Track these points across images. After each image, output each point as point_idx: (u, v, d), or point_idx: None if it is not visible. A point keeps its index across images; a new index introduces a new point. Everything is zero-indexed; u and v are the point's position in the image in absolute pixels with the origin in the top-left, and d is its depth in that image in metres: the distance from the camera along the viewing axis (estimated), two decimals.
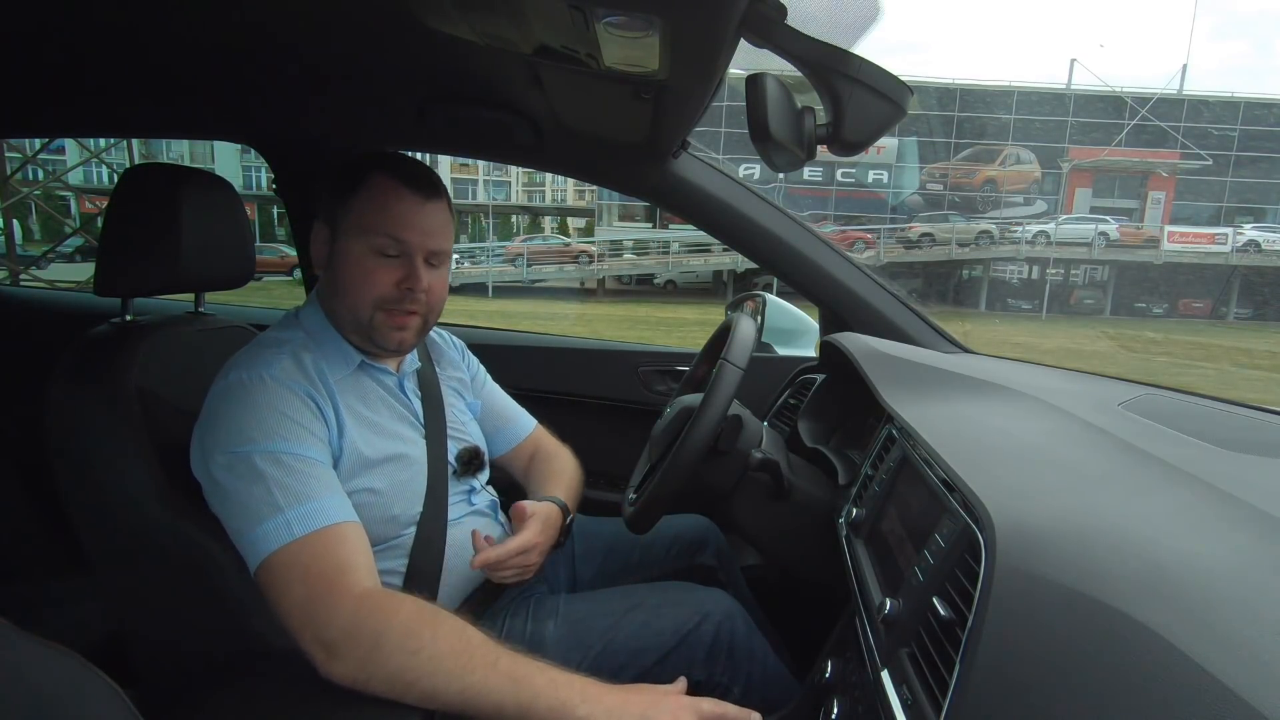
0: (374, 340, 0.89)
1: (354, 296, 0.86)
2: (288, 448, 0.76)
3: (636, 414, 1.59)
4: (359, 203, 0.86)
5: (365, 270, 0.85)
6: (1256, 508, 0.54)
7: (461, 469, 0.99)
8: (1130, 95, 22.23)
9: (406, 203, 0.86)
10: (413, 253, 0.86)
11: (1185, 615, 0.40)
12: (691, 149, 1.26)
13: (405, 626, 0.68)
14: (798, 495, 0.99)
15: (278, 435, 0.76)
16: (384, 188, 0.86)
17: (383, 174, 0.86)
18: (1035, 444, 0.74)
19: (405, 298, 0.87)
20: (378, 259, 0.86)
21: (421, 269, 0.87)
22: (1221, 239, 19.73)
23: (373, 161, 0.88)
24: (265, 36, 0.92)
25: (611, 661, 0.89)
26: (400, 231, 0.85)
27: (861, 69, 0.62)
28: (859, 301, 1.32)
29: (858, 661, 0.71)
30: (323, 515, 0.73)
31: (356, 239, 0.85)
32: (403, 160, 0.89)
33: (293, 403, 0.79)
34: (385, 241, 0.85)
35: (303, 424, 0.79)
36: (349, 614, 0.69)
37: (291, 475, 0.75)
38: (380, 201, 0.85)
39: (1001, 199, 22.35)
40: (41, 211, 8.76)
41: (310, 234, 0.92)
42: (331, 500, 0.75)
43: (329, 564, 0.71)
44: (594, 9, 0.58)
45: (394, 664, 0.67)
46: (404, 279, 0.86)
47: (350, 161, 0.90)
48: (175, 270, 0.95)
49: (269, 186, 3.29)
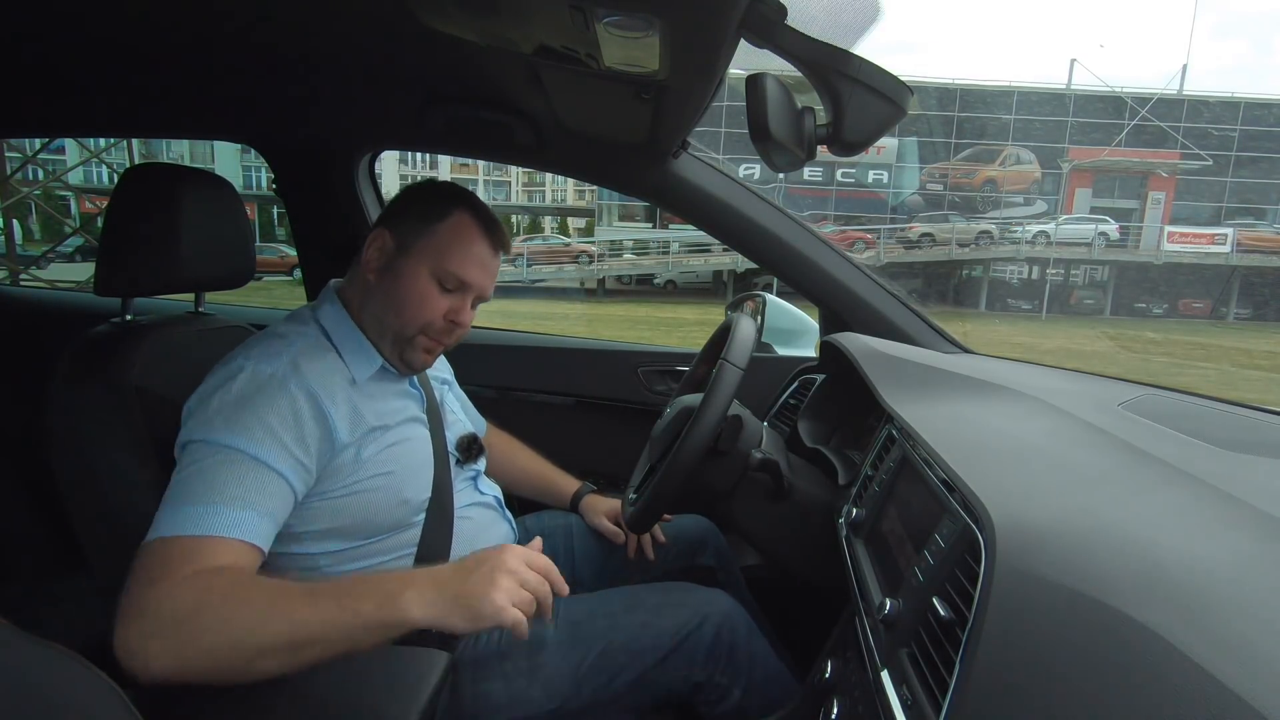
0: (404, 357, 0.91)
1: (406, 315, 0.88)
2: (249, 448, 0.74)
3: (636, 414, 1.59)
4: (443, 232, 0.88)
5: (424, 295, 0.88)
6: (1256, 508, 0.54)
7: (462, 455, 1.01)
8: (1130, 95, 22.23)
9: (481, 248, 0.90)
10: (469, 293, 0.91)
11: (1185, 615, 0.40)
12: (691, 149, 1.26)
13: (215, 598, 0.65)
14: (798, 495, 0.99)
15: (244, 434, 0.75)
16: (469, 229, 0.90)
17: (470, 215, 0.90)
18: (1035, 444, 0.74)
19: (448, 330, 0.91)
20: (438, 289, 0.89)
21: (468, 308, 0.91)
22: (1221, 239, 19.74)
23: (462, 198, 0.92)
24: (265, 36, 0.92)
25: (612, 662, 0.89)
26: (469, 273, 0.89)
27: (861, 69, 0.62)
28: (859, 301, 1.32)
29: (858, 661, 0.71)
30: (219, 525, 0.70)
31: (426, 263, 0.88)
32: (485, 207, 0.93)
33: (279, 403, 0.78)
34: (452, 277, 0.88)
35: (277, 428, 0.76)
36: (164, 600, 0.65)
37: (228, 477, 0.72)
38: (461, 240, 0.89)
39: (1001, 199, 22.34)
40: (41, 211, 8.77)
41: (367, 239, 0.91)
42: (237, 516, 0.71)
43: (176, 562, 0.68)
44: (594, 9, 0.58)
45: (210, 638, 0.63)
46: (453, 312, 0.90)
47: (437, 186, 0.94)
48: (175, 270, 0.95)
49: (269, 186, 3.28)
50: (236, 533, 0.70)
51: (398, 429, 0.90)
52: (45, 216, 10.88)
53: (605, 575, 1.14)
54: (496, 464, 1.22)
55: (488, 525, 1.01)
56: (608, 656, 0.89)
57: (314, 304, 0.94)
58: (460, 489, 0.99)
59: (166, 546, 0.69)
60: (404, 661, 0.78)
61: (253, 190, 21.32)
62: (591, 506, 1.18)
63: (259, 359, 0.81)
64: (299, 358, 0.82)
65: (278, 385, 0.79)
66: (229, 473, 0.73)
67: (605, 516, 1.16)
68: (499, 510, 1.05)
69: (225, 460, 0.73)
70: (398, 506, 0.88)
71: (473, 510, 1.00)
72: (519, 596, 0.67)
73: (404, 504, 0.88)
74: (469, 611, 0.66)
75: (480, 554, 0.71)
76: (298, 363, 0.82)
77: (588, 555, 1.15)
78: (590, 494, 1.21)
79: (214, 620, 0.64)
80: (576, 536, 1.17)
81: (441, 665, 0.77)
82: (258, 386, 0.78)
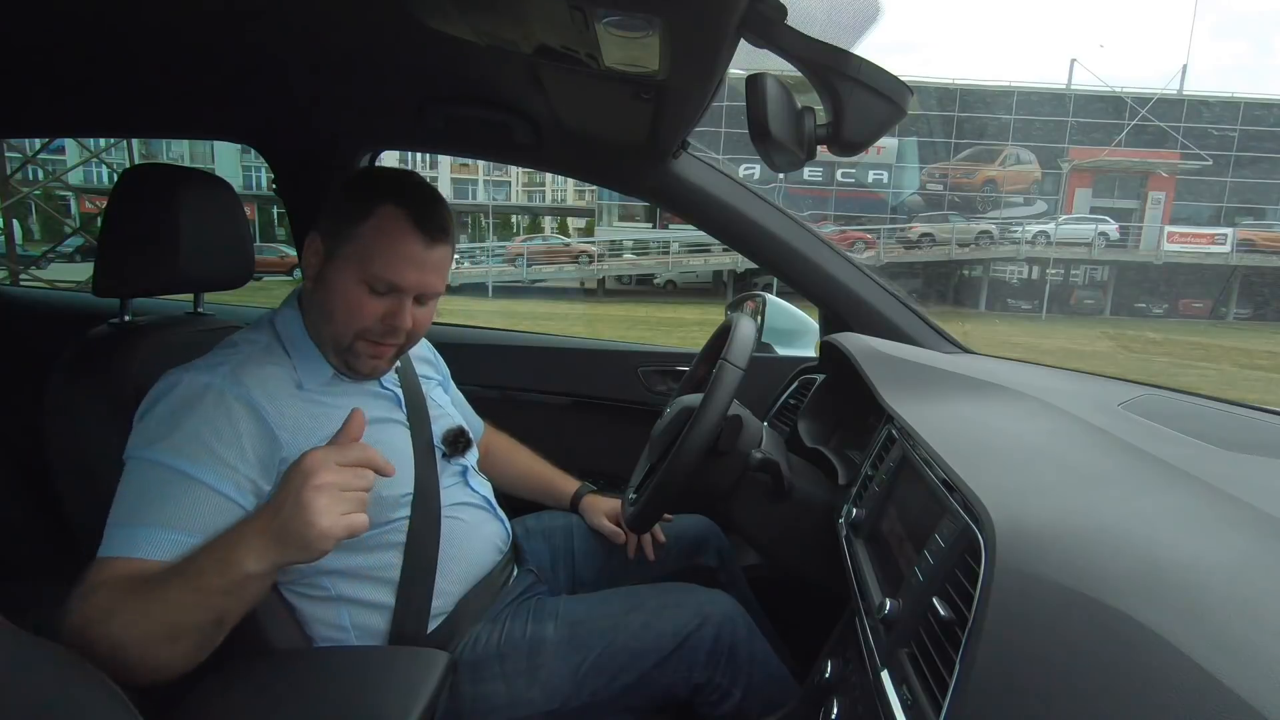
0: (349, 364, 0.88)
1: (337, 324, 0.85)
2: (182, 465, 0.73)
3: (636, 414, 1.59)
4: (364, 233, 0.82)
5: (353, 301, 0.83)
6: (1256, 508, 0.54)
7: (449, 449, 0.99)
8: (1130, 95, 22.22)
9: (411, 245, 0.83)
10: (404, 293, 0.85)
11: (1184, 615, 0.40)
12: (691, 149, 1.26)
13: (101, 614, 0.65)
14: (798, 495, 0.99)
15: (176, 451, 0.73)
16: (392, 224, 0.82)
17: (394, 206, 0.82)
18: (1035, 444, 0.74)
19: (388, 332, 0.85)
20: (368, 293, 0.83)
21: (409, 308, 0.85)
22: (1221, 239, 19.74)
23: (385, 188, 0.84)
24: (265, 36, 0.92)
25: (612, 663, 0.89)
26: (397, 275, 0.83)
27: (861, 69, 0.62)
28: (859, 301, 1.32)
29: (858, 661, 0.71)
30: (145, 547, 0.69)
31: (352, 268, 0.83)
32: (416, 191, 0.85)
33: (214, 415, 0.76)
34: (380, 281, 0.83)
35: (212, 442, 0.75)
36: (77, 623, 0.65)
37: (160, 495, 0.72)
38: (385, 240, 0.82)
39: (1001, 199, 22.34)
40: (41, 211, 8.77)
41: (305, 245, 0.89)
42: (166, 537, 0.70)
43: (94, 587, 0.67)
44: (594, 9, 0.58)
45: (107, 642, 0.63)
46: (389, 316, 0.85)
47: (361, 180, 0.87)
48: (174, 270, 0.95)
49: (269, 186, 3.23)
50: (157, 554, 0.69)
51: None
52: (45, 216, 10.88)
53: (606, 575, 1.14)
54: (496, 465, 1.21)
55: (478, 524, 1.00)
56: (608, 657, 0.89)
57: (276, 309, 0.92)
58: (449, 485, 0.97)
59: (100, 567, 0.69)
60: (404, 662, 0.78)
61: (253, 190, 21.33)
62: (592, 506, 1.18)
63: (198, 370, 0.79)
64: (241, 366, 0.81)
65: (214, 396, 0.77)
66: (158, 492, 0.72)
67: (605, 516, 1.16)
68: (489, 510, 1.04)
69: (157, 479, 0.72)
70: (372, 503, 0.85)
71: (462, 510, 0.98)
72: (341, 506, 0.65)
73: (378, 499, 0.86)
74: (299, 544, 0.64)
75: (288, 474, 0.68)
76: (237, 372, 0.80)
77: (588, 555, 1.15)
78: (590, 494, 1.21)
79: (115, 628, 0.64)
80: (577, 537, 1.17)
81: (441, 665, 0.77)
82: (193, 398, 0.76)
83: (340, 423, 0.75)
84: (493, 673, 0.88)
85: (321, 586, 0.86)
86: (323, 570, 0.85)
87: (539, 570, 1.11)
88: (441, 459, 0.98)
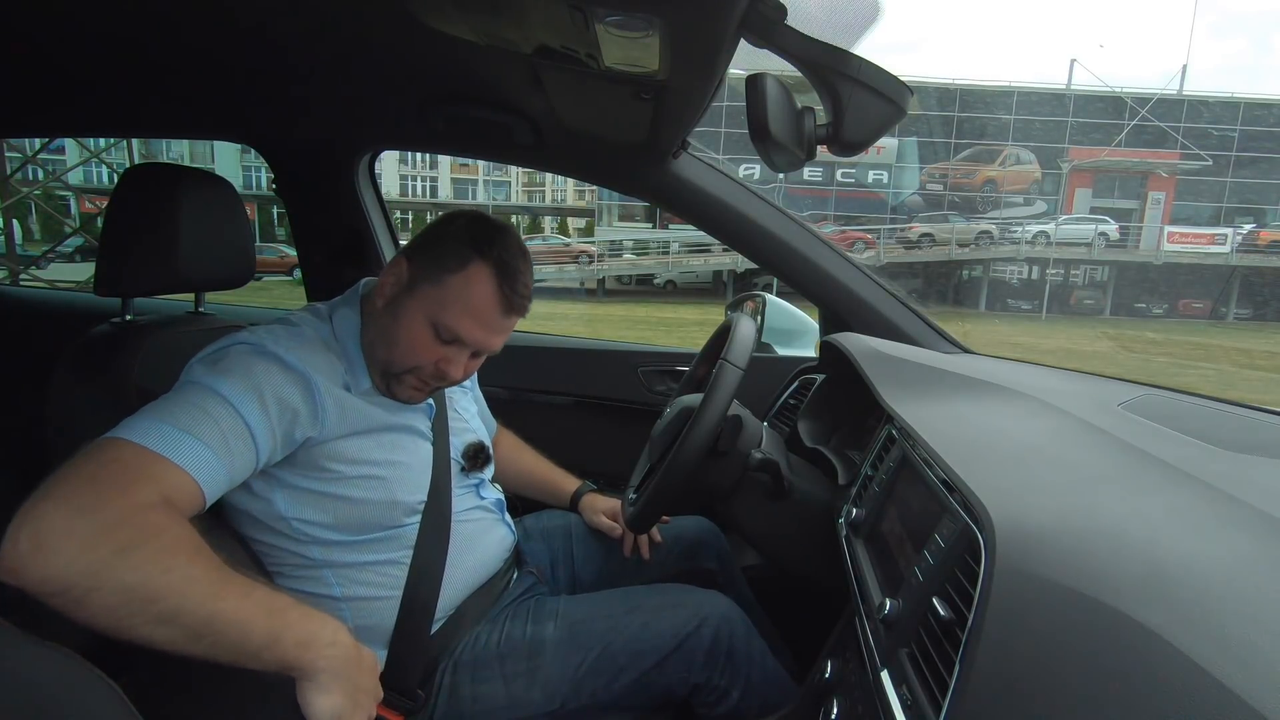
0: (390, 388, 0.89)
1: (395, 354, 0.86)
2: (230, 394, 0.73)
3: (636, 414, 1.59)
4: (452, 283, 0.84)
5: (416, 340, 0.85)
6: (1256, 508, 0.54)
7: (468, 464, 1.00)
8: (1130, 95, 22.22)
9: (490, 311, 0.85)
10: (465, 347, 0.87)
11: (1184, 616, 0.40)
12: (691, 149, 1.26)
13: (166, 545, 0.61)
14: (798, 495, 0.99)
15: (230, 383, 0.74)
16: (482, 286, 0.84)
17: (489, 271, 0.84)
18: (1035, 444, 0.74)
19: (438, 376, 0.87)
20: (433, 337, 0.85)
21: (465, 360, 0.88)
22: (1221, 239, 19.74)
23: (487, 249, 0.84)
24: (265, 36, 0.92)
25: (611, 664, 0.89)
26: (467, 331, 0.85)
27: (861, 69, 0.62)
28: (859, 302, 1.32)
29: (858, 661, 0.71)
30: (185, 454, 0.67)
31: (427, 308, 0.84)
32: (514, 257, 0.86)
33: (271, 369, 0.77)
34: (448, 330, 0.84)
35: (263, 387, 0.76)
36: (115, 513, 0.60)
37: (204, 413, 0.71)
38: (470, 297, 0.84)
39: (1001, 199, 22.34)
40: (41, 211, 8.76)
41: (390, 261, 0.89)
42: (204, 454, 0.69)
43: (140, 479, 0.64)
44: (594, 9, 0.58)
45: (137, 576, 0.58)
46: (444, 362, 0.86)
47: (466, 227, 0.86)
48: (175, 270, 0.95)
49: (269, 186, 3.26)
50: (194, 470, 0.68)
51: (391, 435, 0.89)
52: (45, 216, 10.88)
53: (605, 576, 1.14)
54: (500, 463, 1.22)
55: (487, 529, 1.01)
56: (607, 658, 0.89)
57: (336, 302, 0.93)
58: (461, 494, 0.98)
59: (127, 453, 0.65)
60: None
61: (253, 190, 21.32)
62: (590, 505, 1.18)
63: (264, 335, 0.81)
64: (303, 345, 0.83)
65: (273, 357, 0.79)
66: (207, 412, 0.71)
67: (603, 514, 1.16)
68: (499, 514, 1.05)
69: (208, 401, 0.72)
70: (388, 507, 0.87)
71: (474, 514, 0.99)
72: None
73: (395, 505, 0.88)
74: (343, 711, 0.64)
75: (369, 668, 0.69)
76: (299, 347, 0.82)
77: (588, 555, 1.15)
78: (590, 493, 1.21)
79: (146, 563, 0.59)
80: (577, 537, 1.17)
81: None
82: (255, 354, 0.78)
83: (369, 423, 0.84)
84: (492, 673, 0.88)
85: (326, 581, 0.86)
86: (329, 564, 0.85)
87: (539, 571, 1.11)
88: (460, 472, 0.99)
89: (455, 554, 0.93)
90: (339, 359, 0.86)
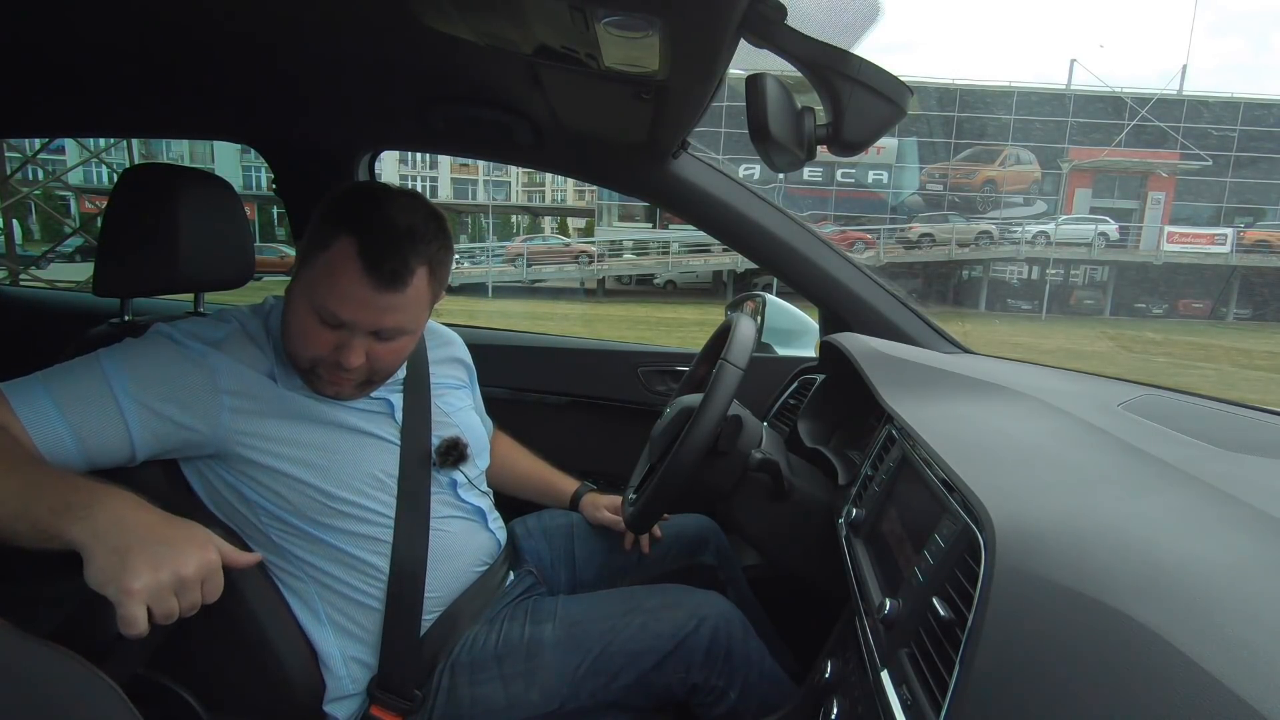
0: (312, 385, 0.86)
1: (293, 346, 0.83)
2: (107, 366, 0.76)
3: (636, 414, 1.59)
4: (321, 263, 0.79)
5: (305, 329, 0.81)
6: (1256, 508, 0.54)
7: (438, 459, 0.96)
8: (1130, 95, 22.23)
9: (358, 287, 0.78)
10: (354, 330, 0.81)
11: (1185, 615, 0.40)
12: (691, 149, 1.26)
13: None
14: (798, 495, 0.99)
15: (117, 362, 0.77)
16: (342, 262, 0.77)
17: (354, 245, 0.77)
18: (1035, 444, 0.74)
19: (340, 365, 0.82)
20: (318, 323, 0.80)
21: (361, 344, 0.81)
22: (1221, 239, 19.75)
23: (350, 218, 0.79)
24: (265, 36, 0.92)
25: (610, 664, 0.89)
26: (343, 312, 0.79)
27: (861, 69, 0.62)
28: (859, 302, 1.32)
29: (858, 661, 0.71)
30: (22, 401, 0.71)
31: (307, 293, 0.80)
32: (380, 228, 0.79)
33: (170, 358, 0.80)
34: (328, 313, 0.79)
35: (147, 373, 0.77)
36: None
37: (71, 374, 0.75)
38: (336, 274, 0.78)
39: (1001, 199, 22.35)
40: (41, 211, 8.77)
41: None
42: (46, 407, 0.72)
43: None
44: (594, 9, 0.58)
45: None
46: (337, 351, 0.81)
47: (333, 203, 0.82)
48: (174, 270, 0.95)
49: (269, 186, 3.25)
50: (26, 418, 0.71)
51: (322, 429, 0.86)
52: (45, 216, 10.88)
53: (606, 575, 1.14)
54: (495, 466, 1.21)
55: (465, 537, 0.98)
56: (606, 659, 0.89)
57: (279, 298, 0.90)
58: (437, 494, 0.95)
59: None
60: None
61: (253, 190, 21.34)
62: (592, 502, 1.18)
63: (181, 324, 0.84)
64: (226, 340, 0.84)
65: (173, 342, 0.81)
66: (75, 374, 0.75)
67: (605, 509, 1.16)
68: (480, 521, 1.01)
69: (84, 367, 0.76)
70: (315, 496, 0.84)
71: (450, 523, 0.96)
72: (162, 603, 0.60)
73: (326, 496, 0.85)
74: (114, 569, 0.58)
75: (180, 532, 0.64)
76: (220, 343, 0.83)
77: (589, 555, 1.15)
78: (590, 491, 1.21)
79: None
80: (578, 537, 1.17)
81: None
82: (160, 337, 0.82)
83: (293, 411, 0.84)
84: (490, 674, 0.88)
85: (302, 579, 0.87)
86: (289, 546, 0.86)
87: (539, 570, 1.11)
88: (434, 469, 0.96)
89: (433, 563, 0.91)
90: (266, 352, 0.86)
